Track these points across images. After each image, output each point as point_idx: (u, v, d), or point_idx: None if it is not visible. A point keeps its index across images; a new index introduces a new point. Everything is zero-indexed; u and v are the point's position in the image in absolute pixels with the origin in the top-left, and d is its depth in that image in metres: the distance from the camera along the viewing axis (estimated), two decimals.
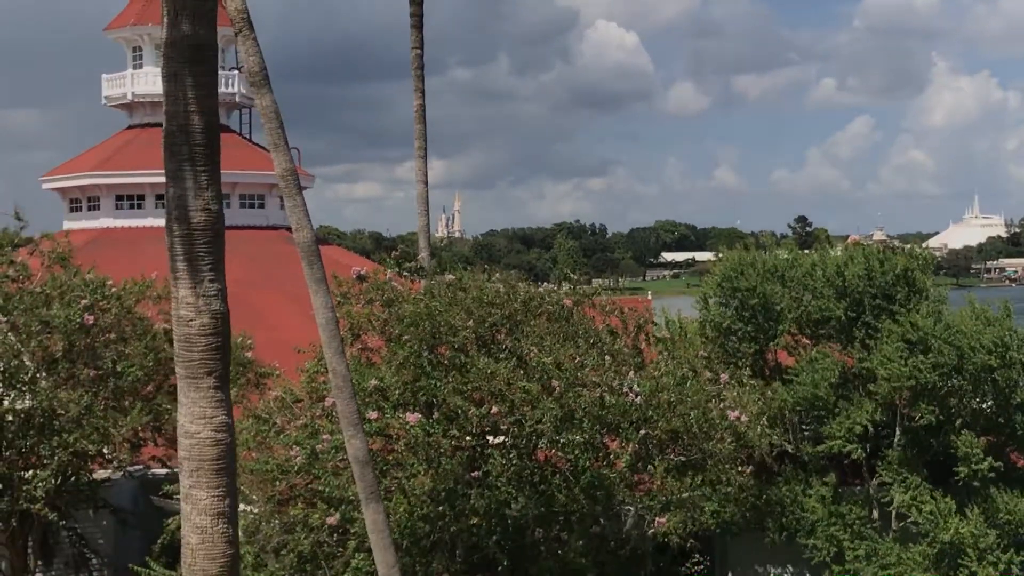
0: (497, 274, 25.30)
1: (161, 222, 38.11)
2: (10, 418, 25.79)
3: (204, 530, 9.47)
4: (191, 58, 9.27)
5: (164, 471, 28.06)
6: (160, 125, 35.25)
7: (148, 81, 47.92)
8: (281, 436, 22.81)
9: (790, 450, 29.95)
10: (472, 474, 22.30)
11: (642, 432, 23.82)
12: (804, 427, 30.58)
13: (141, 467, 29.06)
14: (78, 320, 26.31)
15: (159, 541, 23.86)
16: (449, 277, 24.79)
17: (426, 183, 31.58)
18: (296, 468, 21.97)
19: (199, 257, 9.52)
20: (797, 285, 30.69)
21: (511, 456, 22.59)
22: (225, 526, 9.54)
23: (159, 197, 46.49)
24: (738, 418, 24.76)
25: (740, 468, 25.99)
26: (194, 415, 9.58)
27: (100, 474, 27.61)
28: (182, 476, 9.70)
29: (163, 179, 33.87)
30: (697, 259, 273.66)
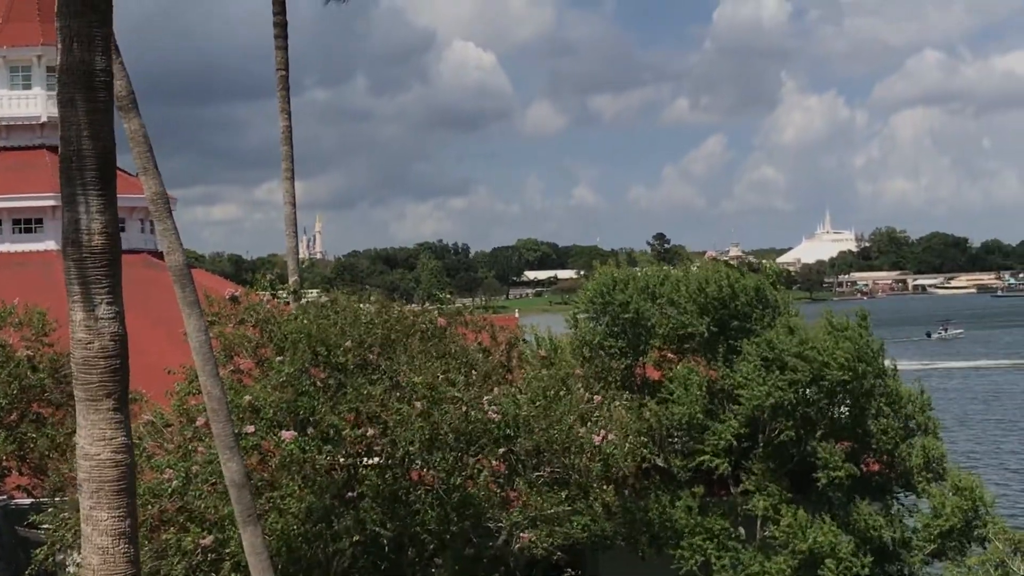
0: (372, 296, 25.43)
1: (18, 247, 37.23)
2: None
3: (106, 551, 9.50)
4: (86, 84, 9.34)
5: (29, 501, 27.48)
6: (16, 149, 34.38)
7: (3, 105, 46.88)
8: (152, 460, 22.59)
9: (659, 463, 30.59)
10: (347, 494, 22.37)
11: (502, 450, 24.07)
12: (672, 441, 31.27)
13: (4, 497, 28.43)
14: None
15: (26, 573, 23.40)
16: (323, 298, 24.85)
17: (294, 204, 31.54)
18: (170, 491, 21.77)
19: (96, 280, 9.58)
20: (665, 301, 31.42)
21: (386, 477, 22.71)
22: (127, 546, 9.59)
23: (15, 222, 45.64)
24: (604, 438, 25.13)
25: (605, 486, 26.38)
26: (94, 437, 9.63)
27: None
28: (82, 498, 9.72)
29: (20, 203, 33.28)
30: (559, 277, 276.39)
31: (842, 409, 31.30)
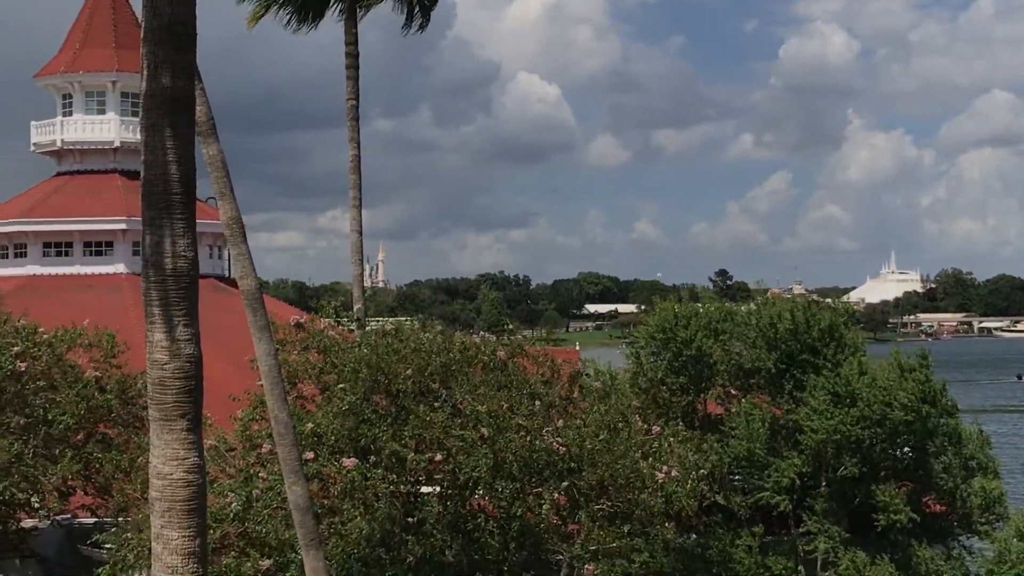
0: (439, 326, 25.58)
1: (88, 269, 37.79)
2: None
3: (175, 569, 9.62)
4: (170, 110, 9.52)
5: (92, 520, 27.81)
6: (90, 172, 35.01)
7: (78, 129, 47.81)
8: (214, 485, 22.79)
9: (720, 501, 30.40)
10: (408, 520, 22.45)
11: (565, 483, 24.05)
12: (733, 479, 31.10)
13: (68, 516, 28.79)
14: (9, 367, 26.12)
15: None
16: (387, 327, 25.01)
17: (360, 233, 31.84)
18: (232, 515, 21.95)
19: (174, 302, 9.73)
20: (730, 337, 31.34)
21: (447, 504, 22.78)
22: (196, 566, 9.71)
23: (87, 244, 46.30)
24: (668, 475, 25.04)
25: (667, 523, 26.27)
26: (167, 456, 9.76)
27: (28, 523, 27.33)
28: (153, 517, 9.86)
29: (92, 226, 33.78)
30: (620, 311, 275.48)
31: (904, 450, 31.02)
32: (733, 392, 32.03)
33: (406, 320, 26.07)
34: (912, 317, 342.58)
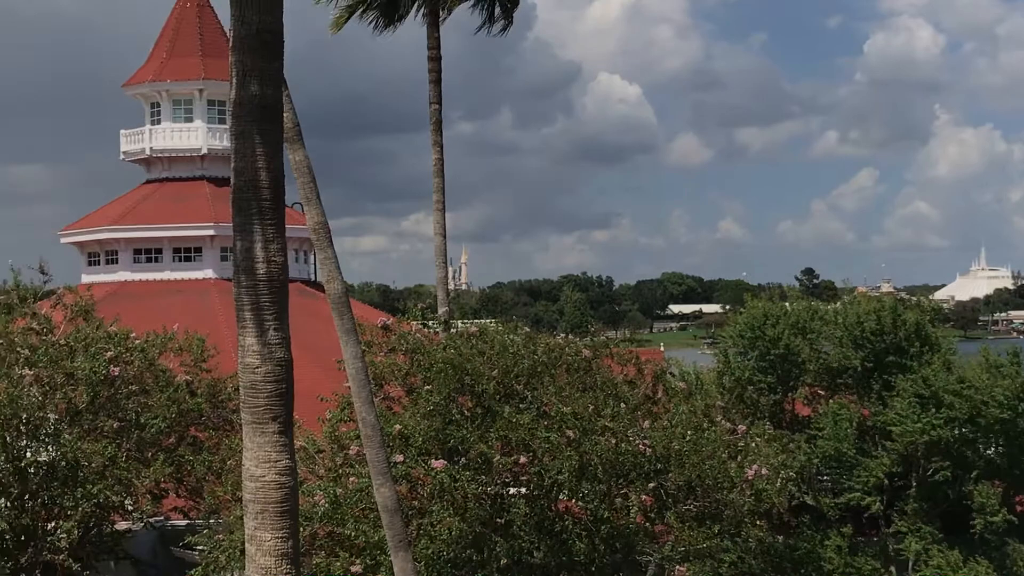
0: (526, 328, 25.63)
1: (177, 275, 38.31)
2: (32, 470, 26.02)
3: (268, 570, 9.75)
4: (259, 117, 9.66)
5: (185, 522, 28.23)
6: (178, 180, 35.54)
7: (166, 137, 48.54)
8: (303, 485, 23.03)
9: (809, 502, 30.14)
10: (496, 521, 22.52)
11: (652, 485, 23.97)
12: (822, 479, 30.82)
13: (161, 518, 29.24)
14: (103, 372, 26.57)
15: None
16: (472, 328, 25.12)
17: (444, 236, 31.99)
18: (320, 515, 22.17)
19: (265, 307, 9.87)
20: (817, 336, 31.07)
21: (533, 505, 22.81)
22: (288, 567, 9.84)
23: (176, 250, 47.00)
24: (757, 473, 24.90)
25: (758, 521, 26.13)
26: (259, 459, 9.90)
27: (121, 525, 27.79)
28: (247, 518, 10.01)
29: (181, 232, 34.27)
30: (704, 311, 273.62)
31: (998, 448, 30.53)
32: (821, 392, 31.74)
33: (490, 322, 26.16)
34: (1003, 315, 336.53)
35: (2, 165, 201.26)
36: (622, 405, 24.50)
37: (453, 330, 25.69)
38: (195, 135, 48.40)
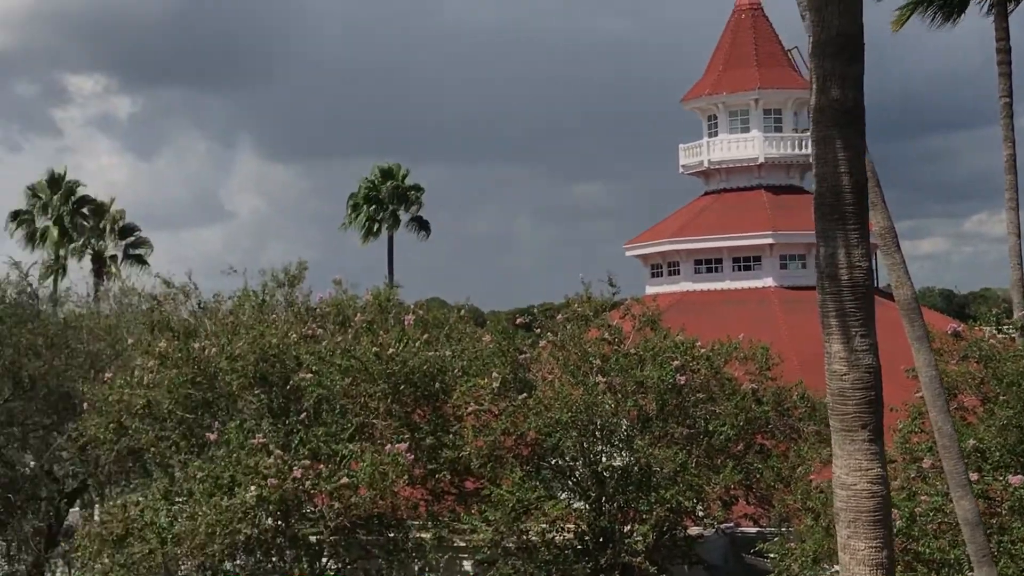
0: None
1: (737, 284, 38.82)
2: (607, 474, 27.21)
3: None
4: (840, 122, 9.63)
5: (755, 530, 28.46)
6: (735, 190, 36.05)
7: (723, 149, 49.34)
8: None
9: None
10: None
11: None
12: None
13: (731, 524, 29.63)
14: (670, 380, 27.31)
15: None
16: None
17: (1019, 236, 30.25)
18: (896, 530, 21.58)
19: (851, 313, 9.81)
20: None
21: None
22: None
23: (735, 260, 47.60)
24: None
25: None
26: (850, 467, 9.85)
27: (694, 530, 28.44)
28: (839, 527, 10.03)
29: (740, 242, 34.68)
30: None
31: None
32: None
33: None
34: None
35: (567, 184, 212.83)
36: None
37: None
38: (752, 145, 48.85)
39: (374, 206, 79.72)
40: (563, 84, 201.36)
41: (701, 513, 27.80)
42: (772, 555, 24.06)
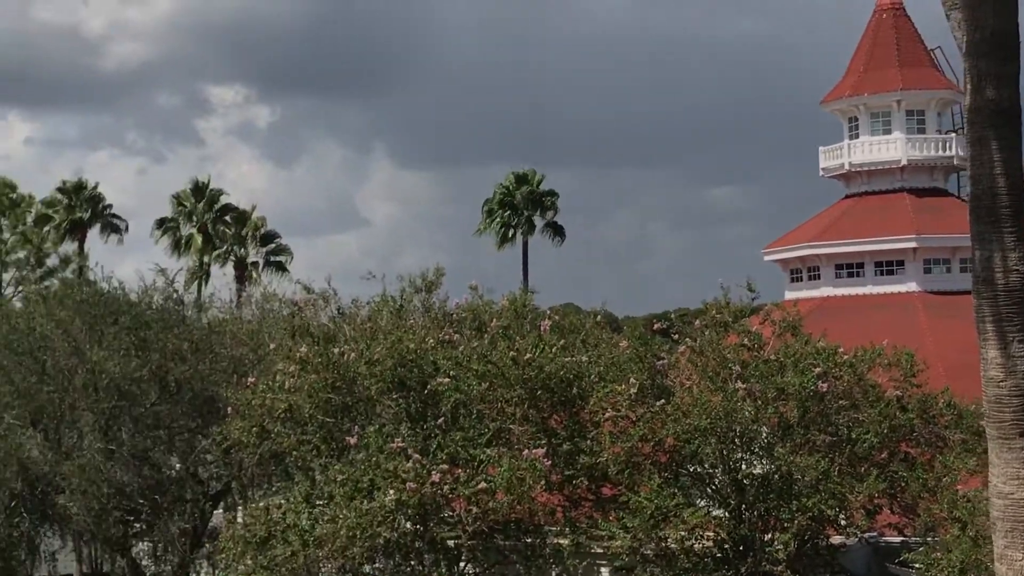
0: None
1: (879, 289, 38.18)
2: (747, 482, 26.85)
3: None
4: (996, 122, 9.34)
5: (899, 539, 27.86)
6: (877, 193, 35.44)
7: (864, 151, 48.52)
8: None
9: None
10: None
11: None
12: None
13: (875, 534, 29.04)
14: (812, 387, 26.83)
15: None
16: None
17: None
18: None
19: (1007, 318, 9.48)
20: None
21: None
22: None
23: (877, 264, 46.73)
24: None
25: None
26: (1007, 476, 9.51)
27: (836, 539, 27.92)
28: (995, 537, 9.68)
29: (882, 246, 34.07)
30: None
31: None
32: None
33: None
34: None
35: (702, 188, 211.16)
36: None
37: None
38: (894, 147, 47.95)
39: (509, 211, 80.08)
40: (699, 86, 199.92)
41: (844, 522, 27.27)
42: (917, 565, 23.52)
